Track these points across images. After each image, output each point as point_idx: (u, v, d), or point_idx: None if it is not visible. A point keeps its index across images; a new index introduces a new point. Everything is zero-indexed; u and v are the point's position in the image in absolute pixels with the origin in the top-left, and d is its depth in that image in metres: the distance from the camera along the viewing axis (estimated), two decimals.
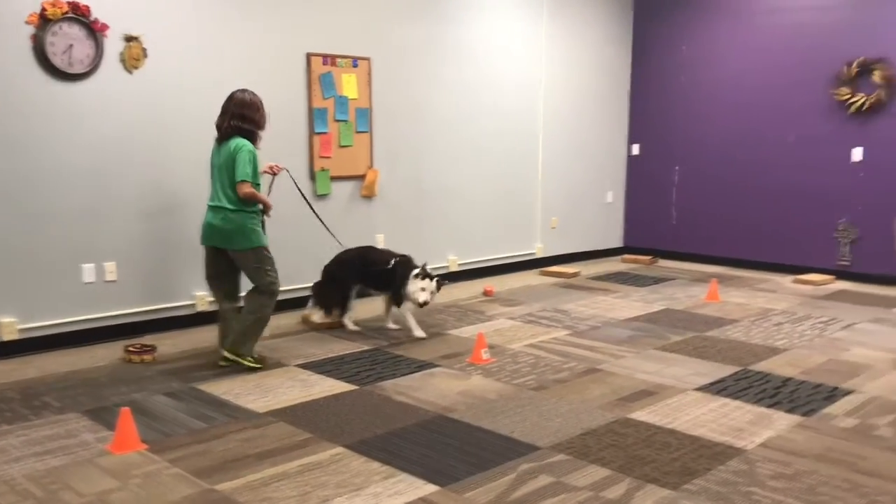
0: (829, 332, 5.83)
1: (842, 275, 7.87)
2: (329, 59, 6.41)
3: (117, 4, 5.30)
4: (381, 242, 6.89)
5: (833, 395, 4.43)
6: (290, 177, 5.55)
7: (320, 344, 5.44)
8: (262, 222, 4.93)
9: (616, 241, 9.47)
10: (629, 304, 6.75)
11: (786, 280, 7.87)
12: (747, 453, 3.62)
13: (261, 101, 4.82)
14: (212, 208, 4.81)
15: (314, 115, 6.36)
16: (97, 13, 5.20)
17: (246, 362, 4.86)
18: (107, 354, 5.17)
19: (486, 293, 7.05)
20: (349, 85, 6.55)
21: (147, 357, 5.02)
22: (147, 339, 5.41)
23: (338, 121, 6.52)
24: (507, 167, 8.05)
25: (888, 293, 7.26)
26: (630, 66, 9.24)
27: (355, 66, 6.58)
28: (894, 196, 7.49)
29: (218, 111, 5.81)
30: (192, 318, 5.88)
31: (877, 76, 7.41)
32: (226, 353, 4.89)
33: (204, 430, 3.88)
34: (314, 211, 5.75)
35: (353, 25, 6.57)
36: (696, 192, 8.86)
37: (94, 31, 5.19)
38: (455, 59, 7.39)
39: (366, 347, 5.38)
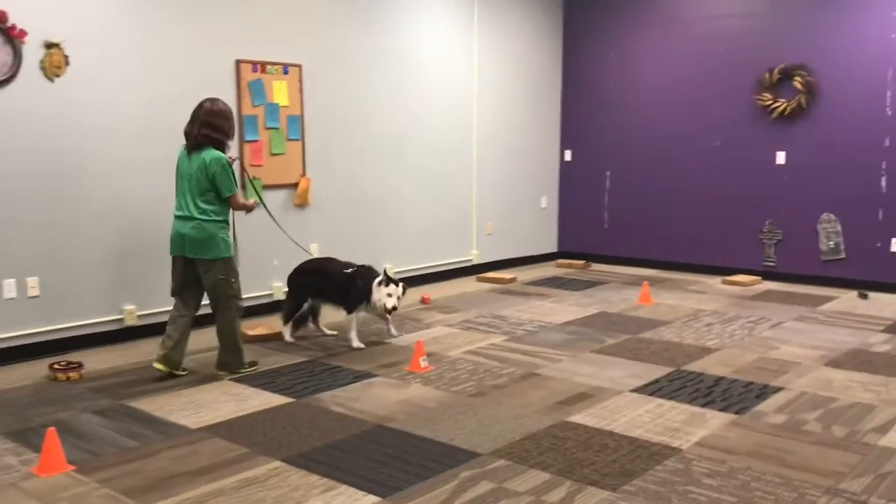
0: (758, 332, 5.98)
1: (768, 275, 8.10)
2: (259, 65, 6.31)
3: (37, 9, 5.11)
4: (315, 251, 6.81)
5: (763, 392, 4.55)
6: (258, 193, 5.61)
7: (255, 357, 5.33)
8: (234, 234, 4.92)
9: (551, 246, 9.57)
10: (565, 309, 6.82)
11: (715, 281, 8.06)
12: (683, 452, 3.68)
13: (230, 111, 4.83)
14: (181, 218, 4.75)
15: (244, 123, 6.25)
16: (14, 18, 5.01)
17: (244, 371, 4.92)
18: (30, 373, 4.97)
19: (423, 301, 7.03)
20: (280, 92, 6.46)
21: (73, 374, 4.85)
22: (73, 356, 5.22)
23: (269, 128, 6.43)
24: (442, 174, 8.05)
25: (812, 292, 7.50)
26: (561, 73, 9.37)
27: (286, 73, 6.50)
28: (816, 198, 7.76)
29: (145, 120, 5.70)
30: (120, 332, 5.70)
31: (797, 82, 7.66)
32: (221, 373, 4.89)
33: (135, 449, 3.76)
34: (275, 220, 5.75)
35: (284, 32, 6.48)
36: (627, 196, 9.01)
37: (12, 37, 5.00)
38: (387, 66, 7.36)
39: (302, 359, 5.30)
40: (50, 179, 5.28)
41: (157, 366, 4.82)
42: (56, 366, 4.88)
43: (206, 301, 5.06)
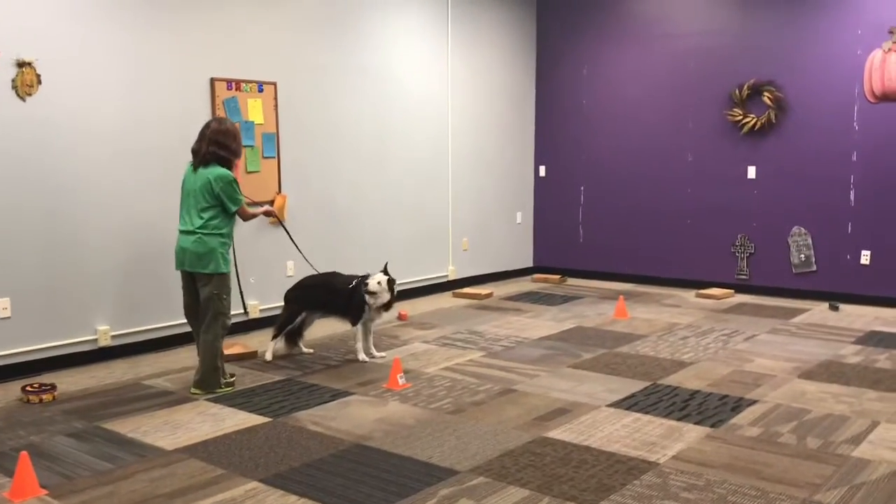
0: (732, 345, 6.04)
1: (741, 288, 8.19)
2: (234, 83, 6.31)
3: (7, 28, 5.07)
4: (291, 269, 6.79)
5: (738, 405, 4.59)
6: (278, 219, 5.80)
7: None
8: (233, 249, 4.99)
9: (526, 261, 9.61)
10: (541, 324, 6.84)
11: (689, 295, 8.14)
12: (660, 466, 3.71)
13: (237, 130, 4.95)
14: (184, 232, 4.85)
15: None
16: None
17: (220, 391, 4.90)
18: (2, 395, 4.89)
19: (400, 317, 7.03)
20: (255, 110, 6.46)
21: (46, 397, 4.78)
22: (46, 378, 5.15)
23: (244, 146, 6.39)
24: (418, 190, 8.07)
25: (784, 304, 7.59)
26: (534, 89, 9.44)
27: (261, 90, 6.49)
28: (787, 211, 7.87)
29: (118, 138, 5.69)
30: (94, 353, 5.64)
31: (766, 98, 7.79)
32: (196, 392, 4.87)
33: (109, 472, 3.71)
34: (289, 234, 5.79)
35: (258, 49, 6.48)
36: (601, 211, 9.09)
37: None
38: (362, 83, 7.38)
39: (278, 378, 5.27)
40: (20, 199, 5.22)
41: (193, 391, 4.89)
42: (28, 388, 4.81)
43: (176, 321, 5.02)
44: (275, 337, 5.75)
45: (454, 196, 8.52)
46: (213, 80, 6.16)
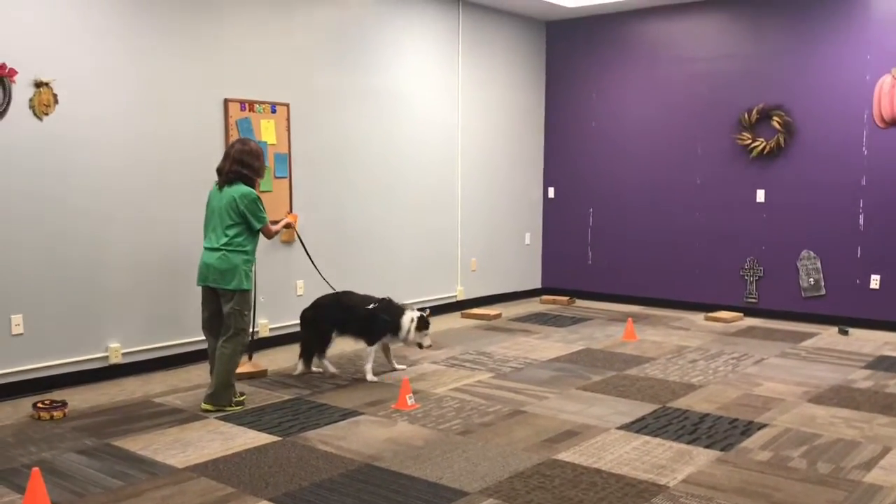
0: (742, 368, 6.03)
1: (750, 311, 8.18)
2: (247, 104, 6.37)
3: (27, 49, 5.15)
4: (301, 288, 6.82)
5: (748, 429, 4.58)
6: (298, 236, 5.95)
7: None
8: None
9: (535, 282, 9.62)
10: (550, 345, 6.85)
11: (698, 317, 8.13)
12: (670, 490, 3.70)
13: (261, 150, 5.07)
14: (209, 249, 4.96)
15: None
16: (5, 58, 5.04)
17: (230, 410, 4.94)
18: (13, 412, 4.92)
19: None
20: (268, 130, 6.52)
21: (57, 413, 4.80)
22: (57, 395, 5.18)
23: None
24: (427, 211, 8.11)
25: (794, 328, 7.58)
26: (543, 112, 9.50)
27: (274, 111, 6.56)
28: (796, 235, 7.88)
29: (133, 158, 5.77)
30: (105, 370, 5.66)
31: (775, 122, 7.82)
32: (207, 407, 4.92)
33: (120, 489, 3.73)
34: (307, 251, 5.88)
35: (271, 71, 6.56)
36: (610, 233, 9.10)
37: (2, 76, 5.03)
38: (373, 105, 7.45)
39: (287, 397, 5.28)
40: (35, 217, 5.27)
41: (203, 406, 4.94)
42: (40, 405, 4.84)
43: (187, 339, 5.03)
44: (312, 356, 5.80)
45: (463, 216, 8.55)
46: (226, 101, 6.23)
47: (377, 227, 7.60)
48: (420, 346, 5.76)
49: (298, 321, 5.96)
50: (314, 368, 5.90)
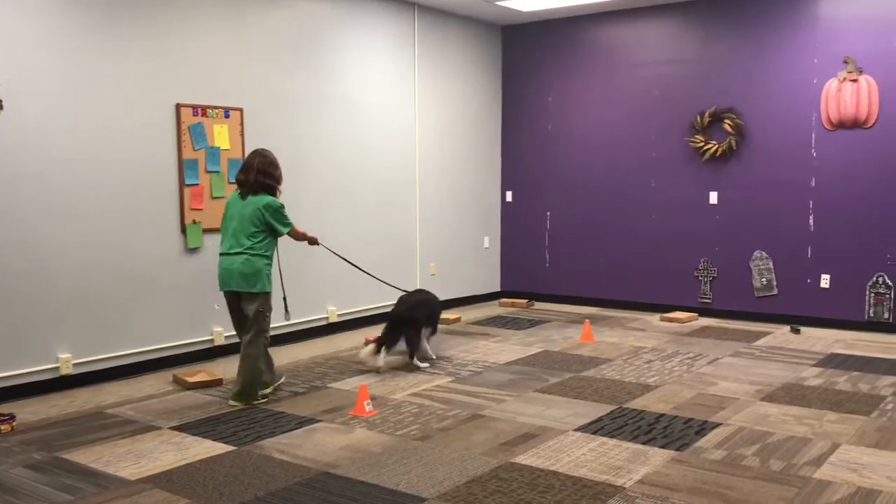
0: (696, 368, 6.11)
1: (704, 311, 8.30)
2: (199, 109, 6.29)
3: None
4: None
5: (703, 428, 4.64)
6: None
7: (194, 404, 5.24)
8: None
9: (494, 285, 9.65)
10: (509, 348, 6.87)
11: (654, 318, 8.22)
12: (626, 491, 3.73)
13: (277, 160, 5.35)
14: (230, 255, 5.16)
15: (184, 167, 6.20)
16: None
17: (259, 402, 5.21)
18: None
19: (367, 343, 6.98)
20: (221, 136, 6.44)
21: (5, 427, 4.67)
22: (4, 408, 5.04)
23: (209, 172, 6.39)
24: (386, 215, 8.08)
25: (747, 327, 7.70)
26: (500, 115, 9.54)
27: (227, 116, 6.48)
28: (748, 236, 8.01)
29: (82, 164, 5.65)
30: (55, 382, 5.53)
31: (727, 125, 7.95)
32: (235, 404, 5.17)
33: None
34: (359, 267, 6.45)
35: (224, 76, 6.48)
36: (567, 236, 9.17)
37: None
38: (330, 110, 7.41)
39: (243, 405, 5.21)
40: None
41: (232, 403, 5.18)
42: None
43: (140, 349, 4.94)
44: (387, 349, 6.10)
45: (422, 221, 8.54)
46: (178, 106, 6.14)
47: (335, 231, 7.53)
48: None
49: (391, 321, 6.19)
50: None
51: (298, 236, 5.42)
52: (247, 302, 5.18)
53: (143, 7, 5.91)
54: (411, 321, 6.13)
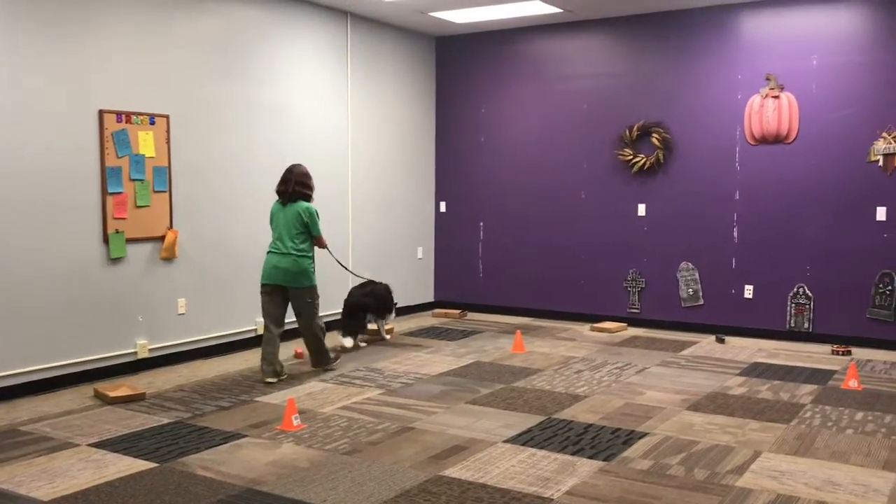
0: (625, 378, 6.19)
1: (633, 322, 8.43)
2: (123, 115, 6.12)
3: None
4: (182, 307, 6.61)
5: (630, 438, 4.69)
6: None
7: (115, 419, 5.07)
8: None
9: (427, 296, 9.62)
10: (441, 359, 6.85)
11: (584, 328, 8.32)
12: (554, 502, 3.74)
13: (309, 172, 6.26)
14: (277, 254, 6.05)
15: (107, 175, 6.01)
16: None
17: (332, 368, 6.40)
18: None
19: (296, 356, 6.89)
20: (146, 143, 6.28)
21: None
22: None
23: (133, 180, 6.21)
24: None
25: (674, 337, 7.85)
26: (434, 126, 9.55)
27: (152, 123, 6.32)
28: (675, 247, 8.18)
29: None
30: None
31: (655, 138, 8.11)
32: (317, 368, 6.36)
33: None
34: (339, 261, 7.11)
35: (150, 81, 6.32)
36: (500, 246, 9.22)
37: None
38: (260, 117, 7.29)
39: (166, 420, 5.07)
40: None
41: (269, 380, 5.97)
42: None
43: (59, 362, 4.74)
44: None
45: (354, 231, 8.47)
46: (101, 112, 5.96)
47: (263, 242, 7.39)
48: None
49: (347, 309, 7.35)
50: (361, 344, 7.44)
51: (323, 244, 6.24)
52: (296, 295, 6.10)
53: (65, 9, 5.72)
54: (363, 307, 7.38)
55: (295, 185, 6.12)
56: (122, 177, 6.12)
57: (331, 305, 7.73)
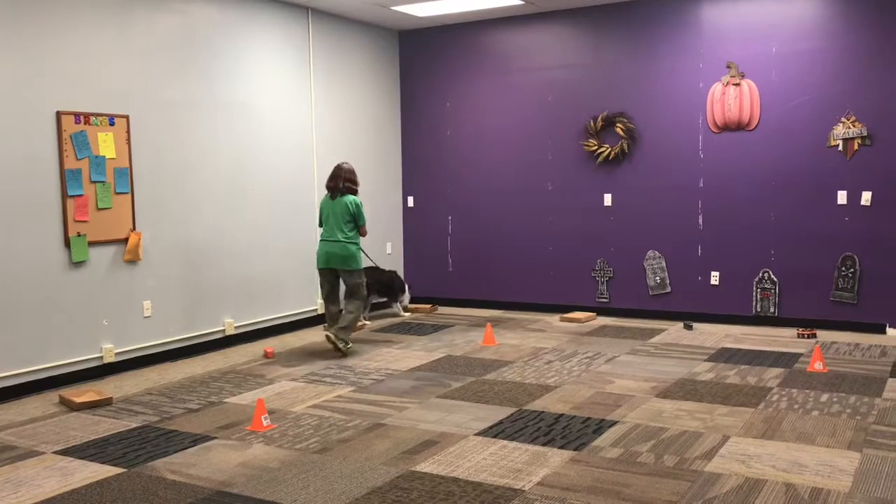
0: (595, 367, 6.23)
1: (602, 311, 8.48)
2: (82, 117, 6.01)
3: None
4: (147, 310, 6.53)
5: (600, 427, 4.72)
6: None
7: (81, 426, 5.00)
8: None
9: None
10: (412, 354, 6.84)
11: (554, 319, 8.35)
12: (525, 493, 3.75)
13: (355, 169, 7.08)
14: (329, 241, 6.80)
15: (67, 177, 5.91)
16: None
17: (347, 349, 6.79)
18: None
19: (266, 355, 6.84)
20: (106, 144, 6.18)
21: None
22: None
23: (94, 182, 6.11)
24: (283, 224, 7.93)
25: (642, 325, 7.91)
26: (400, 120, 9.51)
27: (112, 124, 6.22)
28: (642, 236, 8.24)
29: None
30: None
31: (619, 128, 8.16)
32: (331, 335, 6.72)
33: None
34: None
35: (109, 82, 6.22)
36: (468, 240, 9.22)
37: None
38: (222, 115, 7.21)
39: (134, 425, 5.00)
40: None
41: (328, 334, 6.81)
42: None
43: (22, 369, 4.65)
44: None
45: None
46: (59, 114, 5.85)
47: (229, 241, 7.35)
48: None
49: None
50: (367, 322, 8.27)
51: (364, 233, 6.94)
52: (346, 276, 6.83)
53: (19, 8, 5.60)
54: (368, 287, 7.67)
55: (344, 182, 6.87)
56: (83, 179, 6.02)
57: None
